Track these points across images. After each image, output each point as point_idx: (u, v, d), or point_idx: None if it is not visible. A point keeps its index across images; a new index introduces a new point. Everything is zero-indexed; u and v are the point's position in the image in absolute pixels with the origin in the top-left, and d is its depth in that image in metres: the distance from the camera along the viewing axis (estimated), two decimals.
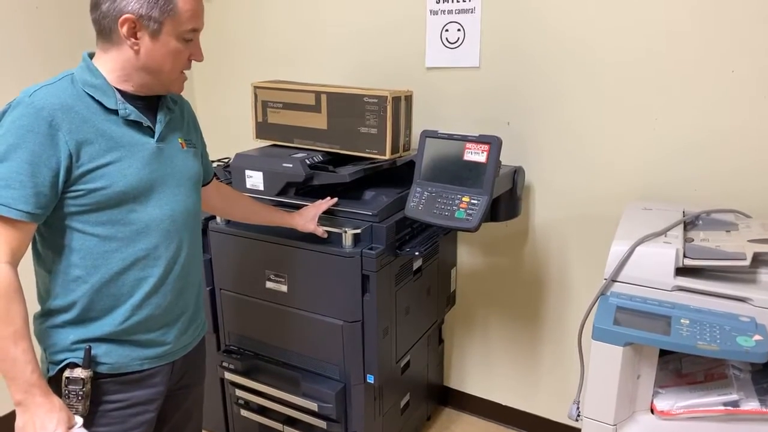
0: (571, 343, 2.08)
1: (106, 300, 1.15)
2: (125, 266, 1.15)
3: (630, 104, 1.78)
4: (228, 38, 2.51)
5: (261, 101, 1.98)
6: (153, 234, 1.17)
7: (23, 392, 1.04)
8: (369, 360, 1.73)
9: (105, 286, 1.14)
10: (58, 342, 1.15)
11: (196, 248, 1.31)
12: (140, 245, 1.15)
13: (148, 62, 1.12)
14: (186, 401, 1.38)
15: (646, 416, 1.33)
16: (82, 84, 1.10)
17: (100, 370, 1.15)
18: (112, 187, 1.10)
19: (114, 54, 1.12)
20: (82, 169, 1.07)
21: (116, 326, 1.16)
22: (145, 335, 1.20)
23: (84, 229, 1.11)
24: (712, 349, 1.14)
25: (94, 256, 1.12)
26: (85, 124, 1.08)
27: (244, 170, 1.84)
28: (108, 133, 1.10)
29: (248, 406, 1.98)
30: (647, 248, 1.32)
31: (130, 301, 1.16)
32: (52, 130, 1.04)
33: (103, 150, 1.09)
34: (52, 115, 1.04)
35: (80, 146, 1.07)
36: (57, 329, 1.15)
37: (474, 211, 1.55)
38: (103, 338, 1.15)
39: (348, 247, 1.65)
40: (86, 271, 1.13)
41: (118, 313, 1.16)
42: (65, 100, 1.07)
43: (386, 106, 1.72)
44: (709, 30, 1.63)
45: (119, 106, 1.12)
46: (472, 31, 1.96)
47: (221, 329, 1.99)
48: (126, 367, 1.18)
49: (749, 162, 1.66)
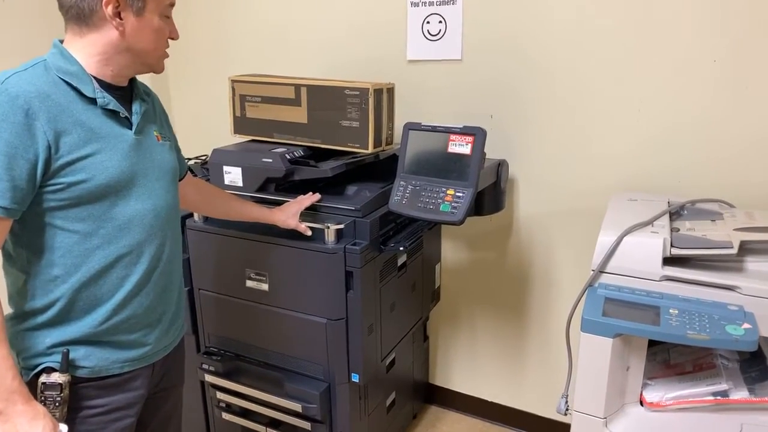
0: (557, 338, 2.07)
1: (86, 300, 1.09)
2: (107, 264, 1.09)
3: (613, 96, 1.78)
4: (205, 34, 2.45)
5: (239, 95, 1.93)
6: (136, 230, 1.12)
7: (4, 400, 0.98)
8: (354, 358, 1.69)
9: (86, 285, 1.08)
10: (33, 346, 1.08)
11: (178, 245, 1.26)
12: (123, 242, 1.10)
13: (134, 42, 1.08)
14: (166, 404, 1.33)
15: (636, 408, 1.31)
16: (56, 71, 1.04)
17: (79, 374, 1.10)
18: (93, 180, 1.04)
19: (93, 38, 1.06)
20: (61, 161, 1.01)
21: (96, 327, 1.10)
22: (126, 336, 1.15)
23: (63, 225, 1.05)
24: (703, 339, 1.13)
25: (74, 255, 1.06)
26: (62, 114, 1.01)
27: (222, 166, 1.79)
28: (86, 123, 1.04)
29: (230, 409, 1.92)
30: (634, 238, 1.31)
31: (111, 301, 1.11)
32: (28, 119, 0.97)
33: (82, 141, 1.03)
34: (29, 104, 0.97)
35: (59, 136, 1.00)
36: (32, 332, 1.08)
37: (459, 204, 1.52)
38: (81, 340, 1.10)
39: (331, 243, 1.61)
40: (66, 270, 1.07)
41: (98, 313, 1.10)
42: (41, 87, 1.00)
43: (368, 98, 1.68)
44: (691, 20, 1.63)
45: (97, 94, 1.06)
46: (454, 23, 1.94)
47: (201, 330, 1.93)
48: (106, 370, 1.13)
49: (732, 152, 1.66)
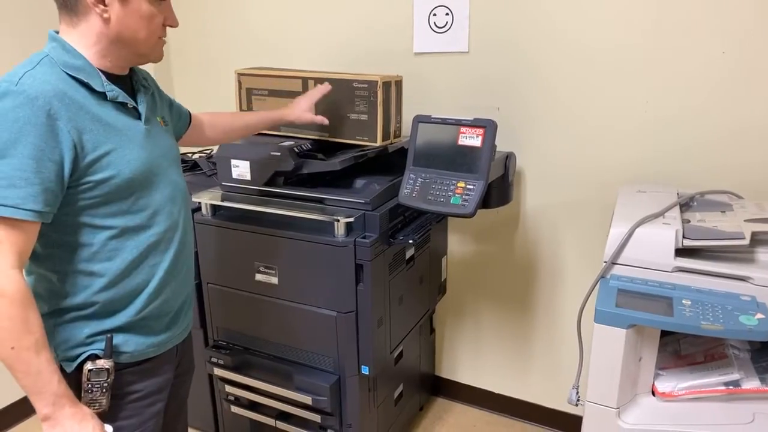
0: (563, 329, 2.08)
1: (124, 292, 1.10)
2: (140, 254, 1.11)
3: (621, 88, 1.77)
4: (210, 27, 2.44)
5: (245, 89, 1.92)
6: (161, 218, 1.14)
7: (51, 405, 0.97)
8: (363, 351, 1.69)
9: (122, 277, 1.09)
10: (71, 337, 1.08)
11: (191, 227, 1.29)
12: (152, 230, 1.12)
13: (122, 31, 1.03)
14: (181, 389, 1.36)
15: (648, 398, 1.32)
16: (62, 66, 1.01)
17: (121, 360, 1.11)
18: (120, 175, 1.04)
19: (84, 28, 1.02)
20: (88, 159, 1.00)
21: (134, 316, 1.12)
22: (158, 321, 1.17)
23: (95, 222, 1.05)
24: (717, 329, 1.14)
25: (108, 250, 1.07)
26: (80, 111, 1.00)
27: (231, 160, 1.78)
28: (103, 118, 1.03)
29: (239, 403, 1.92)
30: (647, 230, 1.31)
31: (147, 289, 1.13)
32: (50, 120, 0.95)
33: (102, 137, 1.02)
34: (49, 104, 0.95)
35: (81, 134, 0.99)
36: (66, 325, 1.08)
37: (470, 196, 1.52)
38: (120, 328, 1.11)
39: (340, 237, 1.61)
40: (101, 265, 1.07)
41: (136, 303, 1.12)
42: (56, 85, 0.98)
43: (377, 91, 1.68)
44: (700, 12, 1.63)
45: (106, 87, 1.04)
46: (460, 15, 1.93)
47: (209, 324, 1.93)
48: (142, 354, 1.15)
49: (740, 143, 1.66)
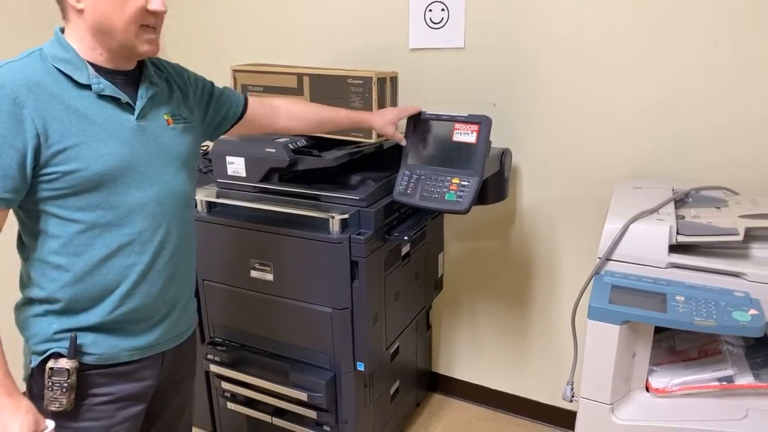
0: (559, 325, 2.08)
1: (92, 290, 1.08)
2: (109, 253, 1.08)
3: (616, 83, 1.77)
4: (205, 23, 2.43)
5: (240, 85, 1.91)
6: (137, 218, 1.10)
7: None
8: (359, 347, 1.69)
9: (89, 274, 1.07)
10: (40, 332, 1.08)
11: (187, 232, 1.23)
12: (124, 230, 1.09)
13: (96, 19, 1.01)
14: (177, 397, 1.32)
15: (642, 394, 1.33)
16: (51, 59, 1.03)
17: (87, 361, 1.09)
18: (88, 168, 1.02)
19: (73, 23, 1.05)
20: (52, 149, 1.00)
21: (104, 317, 1.10)
22: (135, 325, 1.14)
23: (62, 214, 1.04)
24: (710, 325, 1.14)
25: (75, 244, 1.06)
26: (53, 101, 1.00)
27: (225, 156, 1.78)
28: (80, 110, 1.03)
29: (235, 399, 1.93)
30: (641, 226, 1.31)
31: (117, 291, 1.10)
32: (16, 108, 0.97)
33: (75, 128, 1.02)
34: (16, 92, 0.97)
35: (48, 125, 0.99)
36: (39, 318, 1.08)
37: (464, 192, 1.52)
38: (89, 327, 1.09)
39: (335, 233, 1.61)
40: (68, 260, 1.06)
41: (106, 303, 1.10)
42: (31, 75, 0.99)
43: (372, 87, 1.67)
44: (693, 4, 1.62)
45: (92, 80, 1.04)
46: (456, 10, 1.92)
47: (205, 321, 1.93)
48: (114, 358, 1.12)
49: (736, 139, 1.66)
